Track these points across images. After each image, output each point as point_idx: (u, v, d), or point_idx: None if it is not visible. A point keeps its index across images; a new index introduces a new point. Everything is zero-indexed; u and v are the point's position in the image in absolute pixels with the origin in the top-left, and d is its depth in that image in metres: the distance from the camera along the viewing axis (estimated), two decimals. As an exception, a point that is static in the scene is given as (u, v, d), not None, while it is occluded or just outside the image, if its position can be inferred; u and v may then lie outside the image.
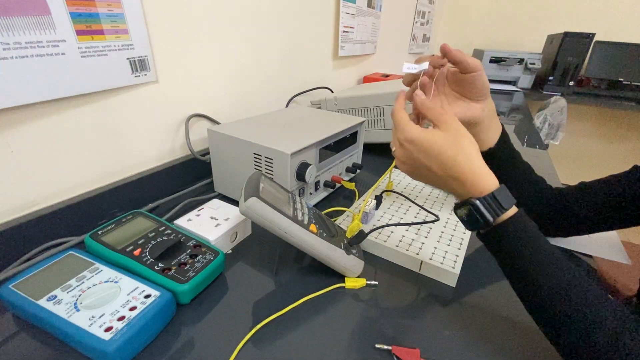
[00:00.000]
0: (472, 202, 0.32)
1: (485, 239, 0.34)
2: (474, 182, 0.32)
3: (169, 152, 0.64)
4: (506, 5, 2.35)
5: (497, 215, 0.31)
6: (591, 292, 0.29)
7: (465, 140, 0.33)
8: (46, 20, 0.40)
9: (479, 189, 0.32)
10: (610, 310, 0.28)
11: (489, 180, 0.33)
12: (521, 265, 0.31)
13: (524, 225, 0.32)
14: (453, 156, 0.33)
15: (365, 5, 1.21)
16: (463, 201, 0.34)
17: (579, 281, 0.29)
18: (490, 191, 0.32)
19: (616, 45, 1.98)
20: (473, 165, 0.33)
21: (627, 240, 0.86)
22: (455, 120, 0.34)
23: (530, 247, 0.31)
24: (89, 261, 0.38)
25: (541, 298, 0.30)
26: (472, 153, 0.33)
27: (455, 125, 0.34)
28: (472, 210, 0.32)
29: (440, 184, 0.35)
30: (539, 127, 1.57)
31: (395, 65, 1.79)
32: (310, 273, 0.43)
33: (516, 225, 0.32)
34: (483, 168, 0.33)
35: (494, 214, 0.31)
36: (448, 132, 0.34)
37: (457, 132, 0.33)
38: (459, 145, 0.33)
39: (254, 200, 0.37)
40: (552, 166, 0.84)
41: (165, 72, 0.58)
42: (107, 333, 0.30)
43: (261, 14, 0.76)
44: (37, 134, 0.44)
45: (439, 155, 0.33)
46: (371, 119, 0.80)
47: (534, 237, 0.31)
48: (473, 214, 0.32)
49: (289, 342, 0.34)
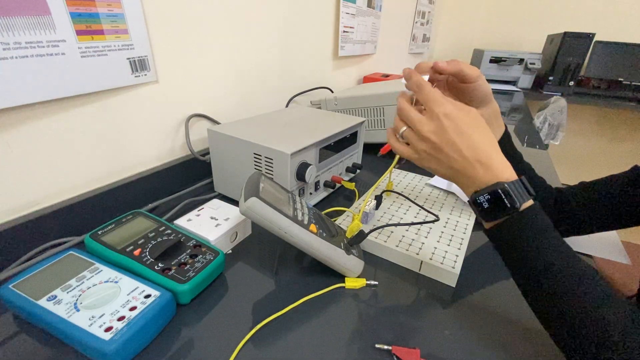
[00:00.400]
0: (502, 185, 0.31)
1: (499, 231, 0.33)
2: (501, 168, 0.32)
3: (169, 152, 0.64)
4: (506, 5, 2.35)
5: (524, 200, 0.31)
6: (602, 290, 0.28)
7: (488, 127, 0.33)
8: (46, 20, 0.40)
9: (505, 175, 0.31)
10: (619, 309, 0.27)
11: (510, 169, 0.32)
12: (537, 255, 0.30)
13: (542, 215, 0.31)
14: (489, 141, 0.32)
15: (365, 5, 1.21)
16: (490, 185, 0.31)
17: (591, 277, 0.29)
18: (515, 178, 0.31)
19: (616, 45, 1.98)
20: (499, 151, 0.32)
21: (627, 240, 0.86)
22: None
23: (550, 235, 0.30)
24: (89, 261, 0.38)
25: (556, 288, 0.29)
26: (495, 140, 0.33)
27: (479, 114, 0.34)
28: (499, 195, 0.31)
29: (455, 170, 0.33)
30: (539, 127, 1.57)
31: (395, 65, 1.79)
32: (310, 273, 0.43)
33: (536, 214, 0.31)
34: (504, 158, 0.33)
35: (521, 199, 0.31)
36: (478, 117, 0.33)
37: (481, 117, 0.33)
38: (487, 129, 0.32)
39: (254, 200, 0.37)
40: (552, 166, 0.84)
41: (165, 72, 0.58)
42: (107, 333, 0.30)
43: (261, 14, 0.76)
44: (37, 134, 0.44)
45: (476, 136, 0.32)
46: (371, 119, 0.80)
47: (551, 227, 0.31)
48: (501, 199, 0.31)
49: (289, 342, 0.34)
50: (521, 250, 0.31)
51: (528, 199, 0.31)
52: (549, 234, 0.31)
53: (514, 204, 0.30)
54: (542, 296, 0.31)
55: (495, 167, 0.32)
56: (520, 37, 2.38)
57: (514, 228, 0.32)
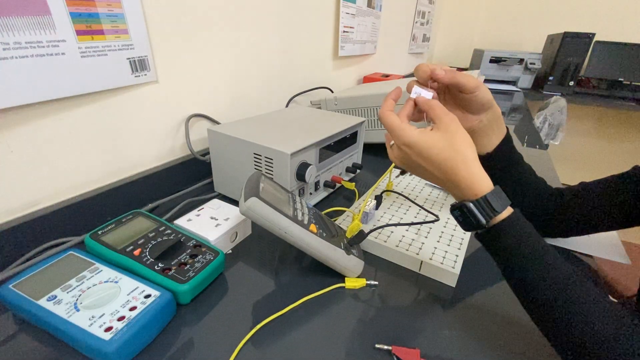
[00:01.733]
0: (465, 205, 0.33)
1: (482, 240, 0.34)
2: (469, 185, 0.33)
3: (169, 152, 0.64)
4: (506, 5, 2.35)
5: (490, 217, 0.32)
6: (588, 293, 0.29)
7: (463, 143, 0.33)
8: (46, 20, 0.40)
9: (473, 191, 0.32)
10: (606, 312, 0.28)
11: (484, 183, 0.33)
12: (517, 265, 0.31)
13: (520, 226, 0.32)
14: (450, 159, 0.33)
15: (365, 5, 1.21)
16: (457, 204, 0.34)
17: (575, 281, 0.29)
18: (483, 194, 0.32)
19: (616, 45, 1.98)
20: (469, 168, 0.33)
21: (627, 240, 0.86)
22: (454, 121, 0.34)
23: (525, 246, 0.31)
24: (89, 261, 0.38)
25: (537, 297, 0.30)
26: (468, 156, 0.33)
27: (454, 127, 0.34)
28: (465, 213, 0.33)
29: (439, 184, 0.36)
30: (539, 127, 1.57)
31: (395, 65, 1.79)
32: (310, 273, 0.43)
33: (511, 226, 0.32)
34: (479, 171, 0.33)
35: (486, 216, 0.32)
36: (446, 133, 0.33)
37: (455, 134, 0.33)
38: (455, 149, 0.33)
39: (254, 200, 0.37)
40: (552, 166, 0.84)
41: (165, 72, 0.58)
42: (107, 333, 0.30)
43: (261, 13, 0.76)
44: (37, 134, 0.44)
45: (436, 159, 0.33)
46: (371, 119, 0.80)
47: (529, 237, 0.32)
48: (467, 217, 0.33)
49: (289, 342, 0.34)
50: (498, 261, 0.33)
51: (495, 214, 0.32)
52: (523, 246, 0.31)
53: (479, 221, 0.32)
54: (525, 303, 0.32)
55: (465, 185, 0.33)
56: (520, 37, 2.38)
57: (490, 240, 0.33)
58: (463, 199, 0.34)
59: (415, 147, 0.34)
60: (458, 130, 0.34)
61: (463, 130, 0.34)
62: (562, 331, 0.29)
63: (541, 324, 0.31)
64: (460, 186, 0.33)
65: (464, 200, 0.33)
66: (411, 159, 0.35)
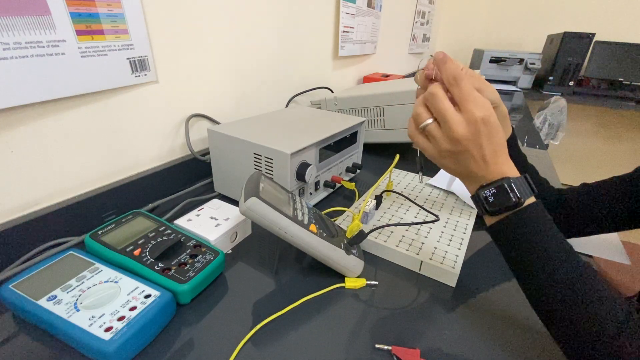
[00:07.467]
0: (508, 181, 0.31)
1: (501, 226, 0.33)
2: (507, 165, 0.32)
3: (168, 152, 0.64)
4: (506, 5, 2.35)
5: (528, 196, 0.31)
6: (598, 288, 0.29)
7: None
8: (46, 20, 0.40)
9: (510, 173, 0.32)
10: (615, 308, 0.28)
11: (514, 168, 0.33)
12: (537, 250, 0.31)
13: (543, 212, 0.32)
14: (502, 140, 0.32)
15: (365, 5, 1.21)
16: (497, 180, 0.32)
17: (588, 274, 0.29)
18: (519, 175, 0.32)
19: (616, 45, 1.98)
20: (507, 150, 0.33)
21: (627, 240, 0.86)
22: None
23: (548, 232, 0.31)
24: (89, 261, 0.38)
25: (550, 286, 0.30)
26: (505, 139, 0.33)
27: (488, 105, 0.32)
28: (505, 189, 0.31)
29: (470, 170, 0.33)
30: (539, 127, 1.57)
31: (395, 65, 1.79)
32: (310, 273, 0.43)
33: (537, 210, 0.31)
34: (509, 157, 0.33)
35: (525, 195, 0.31)
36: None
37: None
38: (502, 130, 0.32)
39: (254, 200, 0.37)
40: (552, 166, 0.84)
41: (165, 72, 0.58)
42: (107, 333, 0.30)
43: (261, 13, 0.76)
44: (37, 134, 0.44)
45: (498, 140, 0.31)
46: (371, 119, 0.80)
47: (551, 224, 0.31)
48: (507, 193, 0.31)
49: (289, 342, 0.34)
50: (521, 245, 0.32)
51: (531, 196, 0.31)
52: (549, 231, 0.31)
53: (518, 199, 0.31)
54: (539, 290, 0.31)
55: (502, 165, 0.32)
56: (520, 37, 2.38)
57: (516, 223, 0.32)
58: (491, 180, 0.32)
59: (491, 123, 0.30)
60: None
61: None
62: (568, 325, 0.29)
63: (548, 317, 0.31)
64: (500, 166, 0.32)
65: (507, 177, 0.31)
66: (479, 140, 0.31)
